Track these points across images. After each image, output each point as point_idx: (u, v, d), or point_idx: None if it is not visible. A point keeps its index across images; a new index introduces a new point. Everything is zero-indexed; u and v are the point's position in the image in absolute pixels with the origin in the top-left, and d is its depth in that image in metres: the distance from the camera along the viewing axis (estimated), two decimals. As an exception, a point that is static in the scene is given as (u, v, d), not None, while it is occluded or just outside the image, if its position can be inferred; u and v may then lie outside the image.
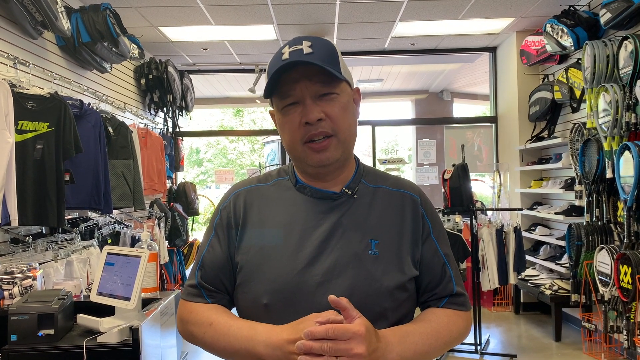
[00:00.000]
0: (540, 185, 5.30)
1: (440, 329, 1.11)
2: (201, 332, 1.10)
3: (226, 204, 1.19)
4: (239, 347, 1.04)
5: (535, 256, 5.26)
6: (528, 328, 5.08)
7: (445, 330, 1.12)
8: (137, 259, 1.96)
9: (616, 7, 3.63)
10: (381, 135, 13.77)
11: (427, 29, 5.43)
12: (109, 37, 3.78)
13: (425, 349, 1.07)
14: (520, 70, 5.60)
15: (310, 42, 1.08)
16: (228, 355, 1.08)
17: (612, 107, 3.54)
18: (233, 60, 6.41)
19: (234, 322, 1.09)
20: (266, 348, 1.00)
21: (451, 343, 1.13)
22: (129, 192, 3.93)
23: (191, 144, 14.10)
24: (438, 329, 1.10)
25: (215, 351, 1.10)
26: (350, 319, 0.96)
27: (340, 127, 1.09)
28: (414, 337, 1.06)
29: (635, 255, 3.24)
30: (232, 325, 1.07)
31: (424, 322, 1.12)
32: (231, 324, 1.08)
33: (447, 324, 1.13)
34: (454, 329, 1.14)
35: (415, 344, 1.05)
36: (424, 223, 1.17)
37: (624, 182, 3.40)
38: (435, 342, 1.09)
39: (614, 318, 3.55)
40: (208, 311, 1.12)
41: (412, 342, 1.05)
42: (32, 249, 2.99)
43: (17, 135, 2.74)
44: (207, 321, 1.10)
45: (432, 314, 1.15)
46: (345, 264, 1.08)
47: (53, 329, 1.91)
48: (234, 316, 1.12)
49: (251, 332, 1.04)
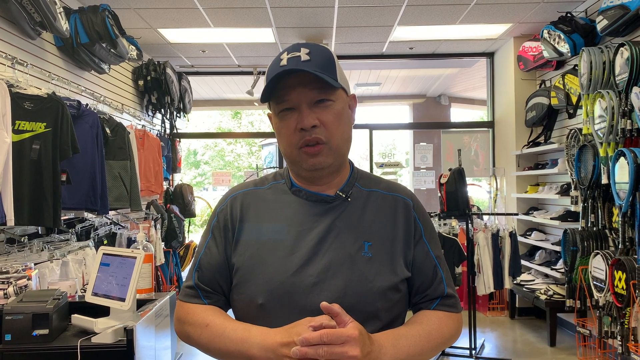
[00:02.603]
0: (536, 191, 5.32)
1: (432, 331, 1.13)
2: (197, 333, 1.12)
3: (223, 206, 1.22)
4: (234, 348, 1.06)
5: (530, 261, 5.28)
6: (523, 333, 5.09)
7: (436, 332, 1.14)
8: (132, 260, 1.96)
9: (613, 14, 3.66)
10: (378, 139, 13.79)
11: (425, 33, 5.45)
12: (108, 38, 3.79)
13: (418, 350, 1.09)
14: (518, 75, 5.62)
15: (308, 50, 1.11)
16: (223, 356, 1.10)
17: (608, 114, 3.56)
18: (231, 63, 6.42)
19: (229, 323, 1.10)
20: (260, 350, 1.01)
21: (443, 345, 1.16)
22: (126, 193, 3.93)
23: (189, 146, 14.09)
24: (430, 331, 1.13)
25: (210, 352, 1.12)
26: (343, 324, 0.98)
27: (333, 134, 1.12)
28: (406, 339, 1.08)
29: (630, 261, 3.26)
30: (227, 327, 1.09)
31: (416, 325, 1.14)
32: (226, 326, 1.09)
33: (439, 326, 1.15)
34: (446, 331, 1.16)
35: (408, 346, 1.07)
36: (415, 226, 1.19)
37: (619, 188, 3.42)
38: (427, 343, 1.11)
39: (609, 323, 3.56)
40: (204, 312, 1.14)
41: (405, 345, 1.07)
42: (27, 249, 2.99)
43: (14, 135, 2.74)
44: (203, 322, 1.12)
45: (423, 316, 1.17)
46: (339, 265, 1.10)
47: (47, 329, 1.91)
48: (230, 318, 1.14)
49: (245, 335, 1.05)
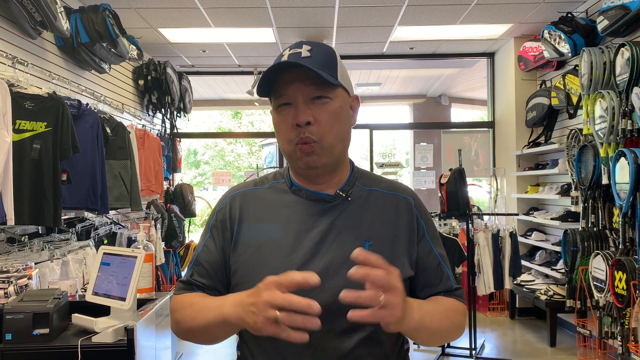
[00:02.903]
0: (536, 191, 5.32)
1: (448, 310, 1.14)
2: (183, 314, 1.13)
3: (222, 206, 1.22)
4: (212, 316, 1.06)
5: (530, 261, 5.28)
6: (523, 333, 5.09)
7: (452, 312, 1.15)
8: (133, 259, 1.96)
9: (613, 15, 3.66)
10: (379, 139, 13.79)
11: (425, 33, 5.45)
12: (108, 37, 3.79)
13: (436, 323, 1.09)
14: (518, 75, 5.62)
15: (310, 47, 1.11)
16: (205, 327, 1.09)
17: (609, 114, 3.56)
18: (232, 63, 6.42)
19: (212, 299, 1.11)
20: (230, 307, 1.01)
21: (453, 328, 1.15)
22: (126, 192, 3.93)
23: (189, 146, 14.09)
24: (447, 310, 1.14)
25: (196, 330, 1.11)
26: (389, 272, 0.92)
27: (327, 133, 1.11)
28: (427, 307, 1.09)
29: (630, 262, 3.26)
30: (208, 299, 1.10)
31: (433, 302, 1.15)
32: (208, 300, 1.10)
33: (454, 307, 1.17)
34: (459, 315, 1.17)
35: (430, 314, 1.07)
36: (418, 224, 1.20)
37: (619, 189, 3.42)
38: (445, 320, 1.12)
39: (609, 324, 3.56)
40: (190, 296, 1.15)
41: (427, 312, 1.07)
42: (28, 248, 2.99)
43: (14, 134, 2.74)
44: (188, 303, 1.13)
45: (438, 298, 1.18)
46: (339, 265, 1.09)
47: (48, 328, 1.91)
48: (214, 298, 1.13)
49: (222, 300, 1.06)
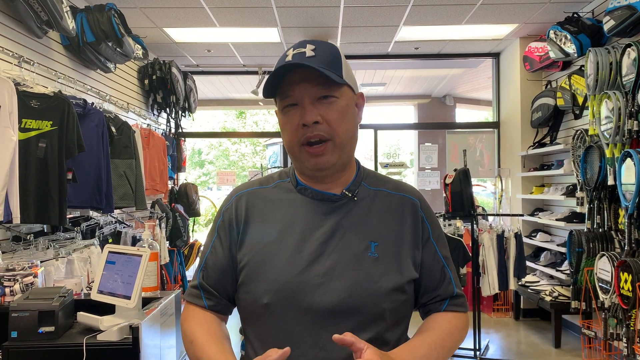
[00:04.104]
0: (541, 192, 5.30)
1: (445, 336, 1.14)
2: (185, 344, 1.15)
3: (228, 206, 1.21)
4: None
5: (535, 262, 5.25)
6: (528, 334, 5.07)
7: (449, 337, 1.14)
8: (138, 258, 1.96)
9: (620, 15, 3.64)
10: (383, 139, 13.70)
11: (430, 33, 5.44)
12: (114, 37, 3.80)
13: (434, 358, 1.09)
14: (523, 76, 5.60)
15: (314, 46, 1.10)
16: None
17: (615, 115, 3.54)
18: (236, 62, 6.43)
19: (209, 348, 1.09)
20: None
21: (454, 348, 1.16)
22: (131, 191, 3.94)
23: (193, 145, 14.11)
24: (443, 337, 1.13)
25: None
26: (359, 351, 0.96)
27: (337, 131, 1.10)
28: (422, 349, 1.08)
29: (636, 263, 3.24)
30: (205, 352, 1.08)
31: (429, 332, 1.14)
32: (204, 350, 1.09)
33: (451, 331, 1.16)
34: (457, 334, 1.17)
35: (427, 356, 1.07)
36: (423, 226, 1.19)
37: (625, 190, 3.40)
38: (442, 350, 1.11)
39: (614, 325, 3.54)
40: (195, 326, 1.14)
41: (423, 356, 1.07)
42: (33, 246, 3.00)
43: (20, 133, 2.74)
44: (190, 338, 1.13)
45: (434, 322, 1.17)
46: (345, 265, 1.09)
47: (53, 326, 1.91)
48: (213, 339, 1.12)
49: None
